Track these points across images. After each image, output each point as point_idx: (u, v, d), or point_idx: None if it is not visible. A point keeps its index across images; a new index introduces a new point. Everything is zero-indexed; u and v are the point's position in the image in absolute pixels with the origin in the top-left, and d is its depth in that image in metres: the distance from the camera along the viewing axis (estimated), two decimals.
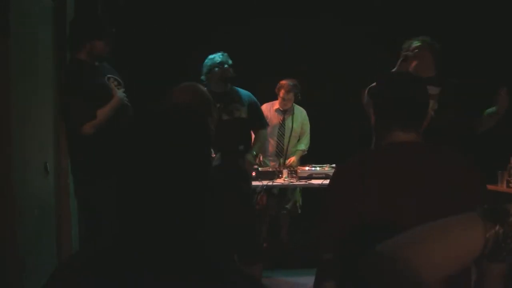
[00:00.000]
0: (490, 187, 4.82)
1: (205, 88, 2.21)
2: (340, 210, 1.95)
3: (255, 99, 5.00)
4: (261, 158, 5.82)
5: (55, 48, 4.32)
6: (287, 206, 6.33)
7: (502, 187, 5.20)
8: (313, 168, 5.73)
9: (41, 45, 4.08)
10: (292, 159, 6.12)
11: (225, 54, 4.82)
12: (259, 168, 5.63)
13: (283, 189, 6.05)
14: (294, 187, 6.01)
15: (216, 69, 4.71)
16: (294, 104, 6.18)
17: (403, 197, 1.90)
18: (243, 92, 4.92)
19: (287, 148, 6.19)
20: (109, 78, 4.04)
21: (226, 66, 4.75)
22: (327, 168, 5.65)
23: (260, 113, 5.15)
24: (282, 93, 6.04)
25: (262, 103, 5.87)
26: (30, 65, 3.87)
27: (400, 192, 1.91)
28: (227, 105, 4.76)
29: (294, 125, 6.18)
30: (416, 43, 3.81)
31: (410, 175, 1.93)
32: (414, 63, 3.73)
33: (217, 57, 4.78)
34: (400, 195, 1.90)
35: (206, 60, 4.81)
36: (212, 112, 2.12)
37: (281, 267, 5.63)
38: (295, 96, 6.07)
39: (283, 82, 6.06)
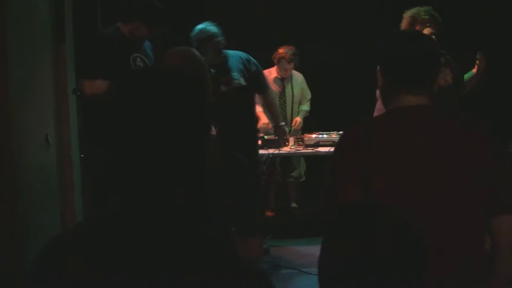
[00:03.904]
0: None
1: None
2: (345, 175, 1.87)
3: (251, 59, 4.78)
4: (267, 124, 5.70)
5: (53, 21, 4.22)
6: (293, 174, 6.26)
7: None
8: (320, 136, 5.63)
9: (38, 17, 3.99)
10: (298, 119, 6.02)
11: (213, 24, 4.60)
12: (265, 136, 5.54)
13: (287, 157, 5.95)
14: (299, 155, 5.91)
15: (210, 42, 4.52)
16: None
17: (411, 162, 1.81)
18: (235, 55, 4.72)
19: (291, 116, 6.08)
20: (135, 57, 3.93)
21: (219, 38, 4.57)
22: (334, 135, 5.53)
23: (262, 75, 4.95)
24: (283, 63, 5.85)
25: None
26: (27, 38, 3.78)
27: (408, 157, 1.82)
28: (223, 76, 4.60)
29: (294, 91, 6.05)
30: (424, 15, 3.80)
31: (419, 139, 1.83)
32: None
33: (207, 28, 4.56)
34: (409, 160, 1.81)
35: (196, 32, 4.57)
36: (207, 78, 2.02)
37: (289, 236, 5.59)
38: (295, 64, 5.92)
39: (282, 51, 5.82)
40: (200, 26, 4.59)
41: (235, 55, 4.73)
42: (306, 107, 6.19)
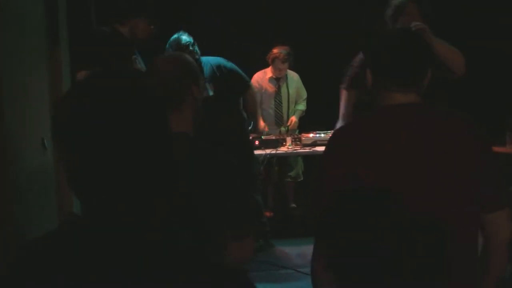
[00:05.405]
0: (498, 149, 4.72)
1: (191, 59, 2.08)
2: (332, 175, 1.86)
3: (224, 62, 4.67)
4: (263, 126, 5.72)
5: (47, 24, 4.22)
6: (290, 174, 6.26)
7: (511, 149, 5.10)
8: (317, 135, 5.64)
9: (32, 20, 3.98)
10: (293, 119, 6.03)
11: (185, 33, 4.51)
12: (262, 137, 5.55)
13: (284, 157, 5.95)
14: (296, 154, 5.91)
15: (185, 51, 4.31)
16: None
17: (391, 159, 1.80)
18: (206, 62, 4.61)
19: (287, 115, 6.09)
20: (134, 59, 3.88)
21: (191, 48, 4.45)
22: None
23: (238, 75, 4.76)
24: (277, 63, 5.87)
25: (253, 73, 5.75)
26: (20, 41, 3.77)
27: (388, 154, 1.81)
28: None
29: (290, 91, 6.08)
30: (409, 6, 3.61)
31: (409, 137, 1.83)
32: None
33: (180, 38, 4.47)
34: (389, 157, 1.80)
35: (170, 43, 4.49)
36: (198, 81, 2.01)
37: (288, 236, 5.58)
38: (289, 64, 5.94)
39: (276, 51, 5.84)
40: (173, 37, 4.52)
41: (206, 62, 4.63)
42: (302, 106, 6.20)
